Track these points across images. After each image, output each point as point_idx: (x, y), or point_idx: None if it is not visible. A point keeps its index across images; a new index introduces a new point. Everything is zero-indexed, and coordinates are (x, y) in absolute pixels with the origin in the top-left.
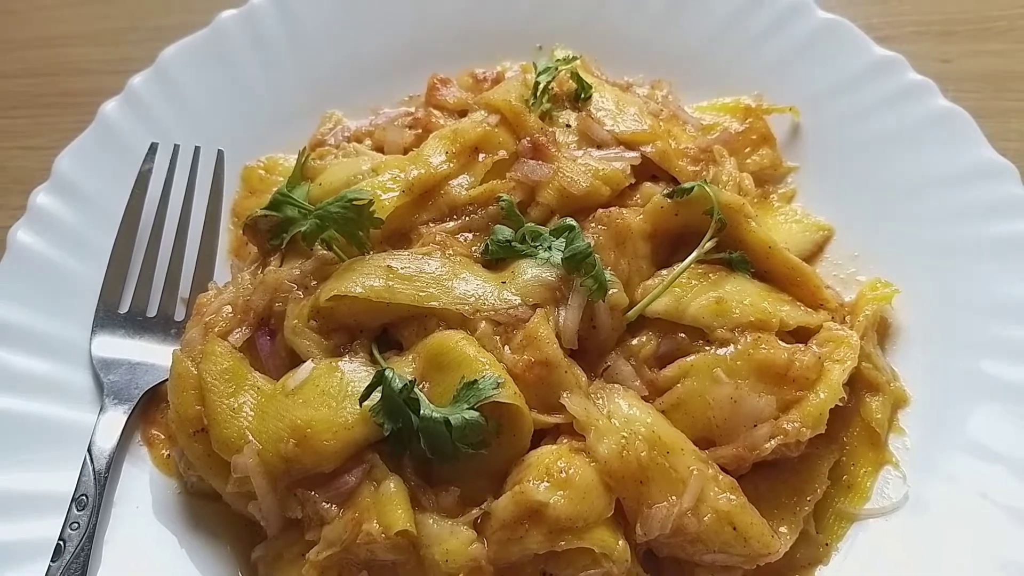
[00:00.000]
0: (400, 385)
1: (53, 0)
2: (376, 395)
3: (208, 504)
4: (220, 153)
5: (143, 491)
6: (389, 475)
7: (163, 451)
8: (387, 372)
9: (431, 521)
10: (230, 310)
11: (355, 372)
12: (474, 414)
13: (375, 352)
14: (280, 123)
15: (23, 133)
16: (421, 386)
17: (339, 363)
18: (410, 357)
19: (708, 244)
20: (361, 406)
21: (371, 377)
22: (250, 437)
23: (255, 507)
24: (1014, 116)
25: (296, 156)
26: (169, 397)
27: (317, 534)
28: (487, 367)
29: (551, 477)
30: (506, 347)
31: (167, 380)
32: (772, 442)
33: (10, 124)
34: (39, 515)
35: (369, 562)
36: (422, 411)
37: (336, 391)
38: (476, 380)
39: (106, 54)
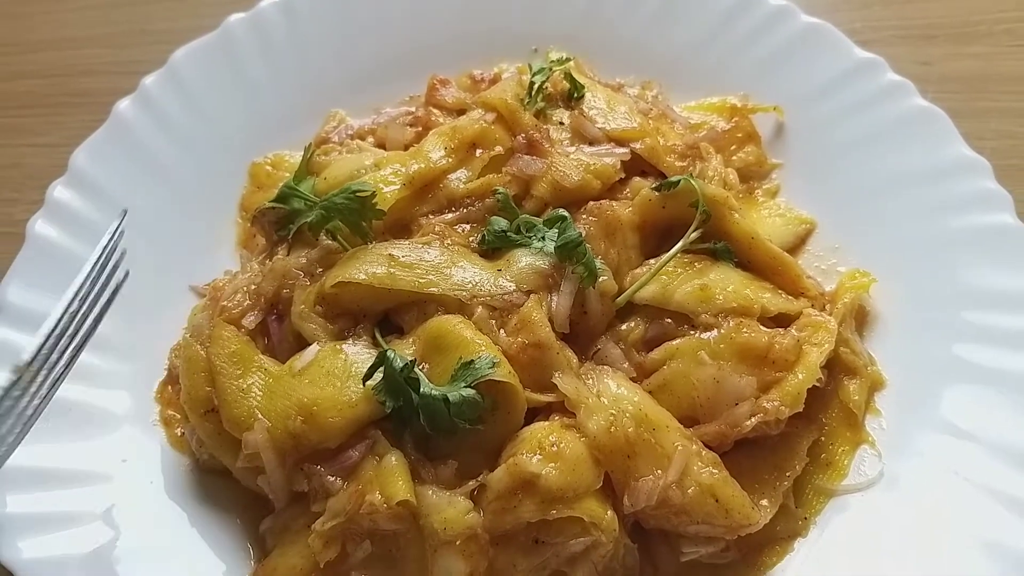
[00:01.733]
0: (401, 365)
1: (63, 4)
2: (378, 375)
3: (218, 479)
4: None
5: (156, 468)
6: (391, 450)
7: (176, 430)
8: (388, 353)
9: (430, 492)
10: (242, 296)
11: (358, 354)
12: (471, 391)
13: (377, 335)
14: (286, 122)
15: (35, 131)
16: (421, 367)
17: (343, 346)
18: (410, 340)
19: (693, 235)
20: (364, 385)
21: (373, 358)
22: (259, 415)
23: (264, 481)
24: (992, 116)
25: (301, 153)
26: (180, 379)
27: (322, 506)
28: (483, 348)
29: (543, 451)
30: (501, 331)
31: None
32: (752, 420)
33: (23, 123)
34: (52, 489)
35: (372, 532)
36: (422, 389)
37: (340, 372)
38: (473, 360)
39: (116, 56)
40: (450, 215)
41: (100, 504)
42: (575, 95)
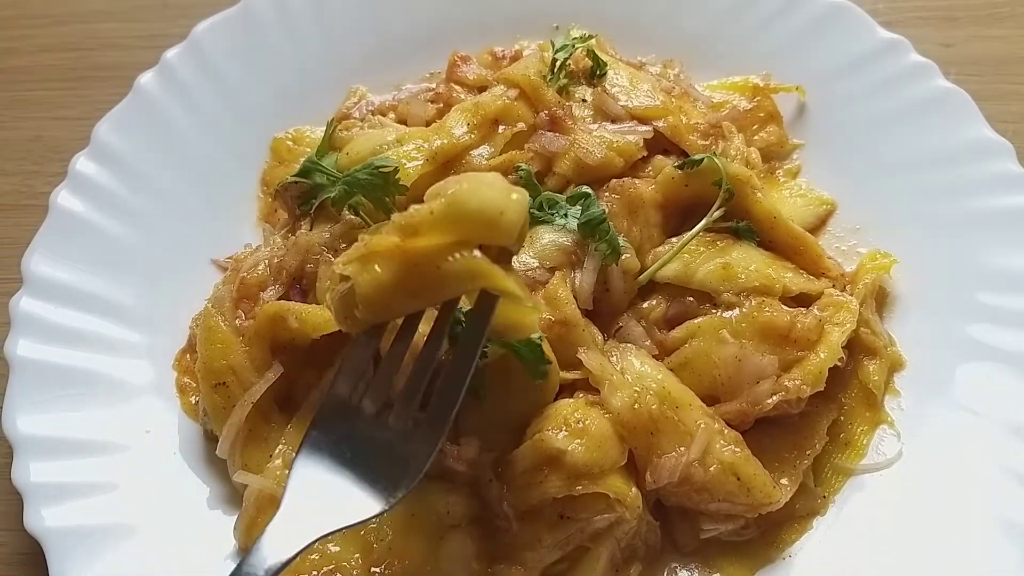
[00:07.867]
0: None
1: None
2: None
3: None
4: None
5: (178, 439)
6: None
7: (191, 398)
8: None
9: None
10: (264, 267)
11: None
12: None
13: None
14: (307, 97)
15: (57, 104)
16: None
17: None
18: None
19: (716, 213)
20: None
21: None
22: None
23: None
24: (1013, 99)
25: (323, 128)
26: (198, 348)
27: None
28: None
29: (569, 427)
30: None
31: None
32: (774, 398)
33: (46, 95)
34: (76, 458)
35: None
36: None
37: None
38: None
39: (138, 30)
40: None
41: (124, 474)
42: (598, 72)
